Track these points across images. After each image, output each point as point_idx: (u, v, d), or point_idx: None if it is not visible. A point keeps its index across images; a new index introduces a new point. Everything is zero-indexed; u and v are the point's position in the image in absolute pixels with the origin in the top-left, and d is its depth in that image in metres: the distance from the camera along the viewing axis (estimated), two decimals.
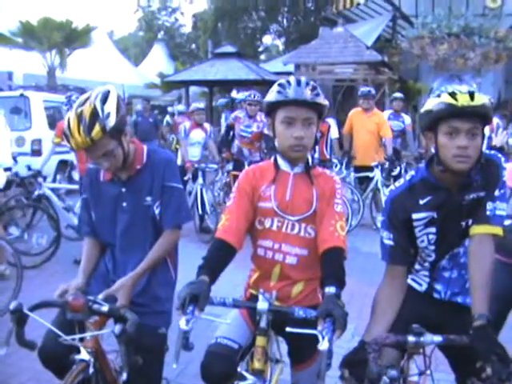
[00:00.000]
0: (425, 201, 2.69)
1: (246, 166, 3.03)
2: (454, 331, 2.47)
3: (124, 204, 3.15)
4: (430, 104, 2.56)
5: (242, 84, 21.46)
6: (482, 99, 2.47)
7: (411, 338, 2.42)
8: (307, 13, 35.92)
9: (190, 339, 2.49)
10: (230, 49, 23.90)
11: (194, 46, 44.52)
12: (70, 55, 22.41)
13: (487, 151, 2.73)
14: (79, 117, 2.83)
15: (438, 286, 2.83)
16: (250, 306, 2.70)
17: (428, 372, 2.69)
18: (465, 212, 2.66)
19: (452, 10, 22.71)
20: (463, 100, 2.45)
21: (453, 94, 2.48)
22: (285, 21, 37.79)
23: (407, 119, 10.81)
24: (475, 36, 21.84)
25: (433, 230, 2.71)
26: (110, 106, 2.88)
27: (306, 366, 2.91)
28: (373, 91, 9.91)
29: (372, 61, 18.58)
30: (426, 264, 2.83)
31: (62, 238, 7.61)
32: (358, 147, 9.03)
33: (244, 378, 2.61)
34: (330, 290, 2.49)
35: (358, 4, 24.98)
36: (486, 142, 8.86)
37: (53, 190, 8.21)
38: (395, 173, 9.59)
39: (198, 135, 9.57)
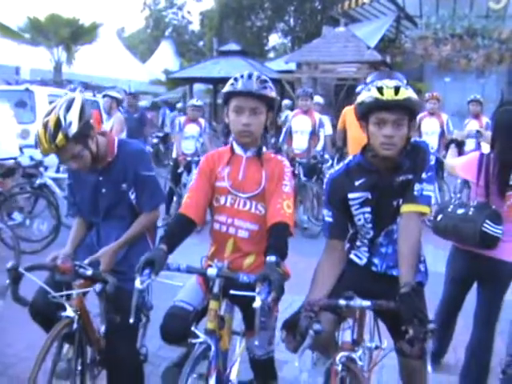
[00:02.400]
0: (359, 182, 3.01)
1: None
2: (390, 300, 2.71)
3: (103, 190, 3.53)
4: (362, 97, 2.88)
5: None
6: (406, 94, 2.79)
7: (342, 302, 2.74)
8: (314, 12, 36.06)
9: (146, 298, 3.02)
10: (234, 47, 24.14)
11: (201, 43, 44.78)
12: (76, 51, 22.65)
13: (418, 139, 3.10)
14: (45, 126, 3.18)
15: (376, 260, 3.13)
16: (201, 271, 3.04)
17: (384, 346, 2.97)
18: (396, 193, 2.96)
19: (456, 11, 22.79)
20: (388, 94, 2.78)
21: (380, 89, 2.80)
22: (291, 20, 37.94)
23: None
24: (478, 37, 21.95)
25: (368, 209, 3.03)
26: (73, 115, 3.22)
27: (260, 334, 3.15)
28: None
29: (372, 60, 18.78)
30: (365, 241, 3.14)
31: (62, 226, 7.84)
32: (351, 143, 9.15)
33: (197, 337, 2.91)
34: (271, 258, 2.80)
35: (363, 4, 25.10)
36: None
37: (54, 179, 8.47)
38: None
39: (192, 129, 9.83)
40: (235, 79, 3.14)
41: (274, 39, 42.06)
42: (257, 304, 2.57)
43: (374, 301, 2.76)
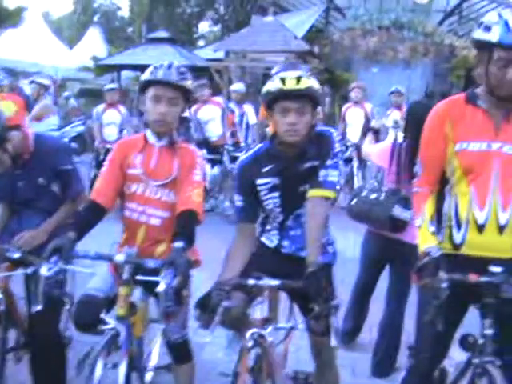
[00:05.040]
0: (267, 168, 3.11)
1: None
2: (299, 279, 2.84)
3: (19, 184, 3.57)
4: (267, 87, 3.02)
5: None
6: (307, 83, 2.95)
7: (251, 281, 2.88)
8: (244, 1, 36.02)
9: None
10: (163, 34, 23.88)
11: (130, 30, 44.15)
12: (0, 35, 22.05)
13: (323, 127, 3.27)
14: None
15: (286, 243, 3.24)
16: (109, 256, 3.07)
17: (300, 327, 3.09)
18: (302, 179, 3.08)
19: (383, 4, 23.21)
20: (290, 84, 2.93)
21: (283, 79, 2.94)
22: (221, 8, 37.80)
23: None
24: (405, 30, 22.40)
25: (276, 194, 3.14)
26: None
27: (173, 319, 3.25)
28: None
29: (299, 50, 18.95)
30: (275, 224, 3.25)
31: None
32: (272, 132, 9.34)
33: (107, 324, 2.98)
34: (178, 244, 2.90)
35: None
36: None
37: None
38: None
39: (112, 116, 9.82)
40: (155, 68, 3.20)
41: (204, 27, 41.92)
42: (160, 288, 2.68)
43: (283, 280, 2.89)
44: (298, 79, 2.94)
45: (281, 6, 25.30)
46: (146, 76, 3.22)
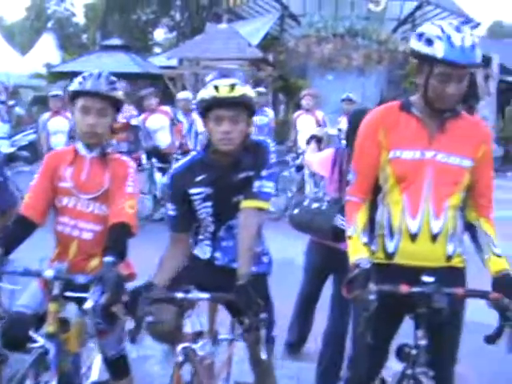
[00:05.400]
0: (200, 178, 3.05)
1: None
2: (232, 291, 2.78)
3: None
4: (201, 95, 2.98)
5: (129, 77, 21.40)
6: (241, 91, 2.91)
7: (180, 295, 2.80)
8: (200, 8, 36.02)
9: None
10: (117, 41, 23.77)
11: (85, 36, 43.81)
12: None
13: (261, 137, 3.25)
14: None
15: (218, 254, 3.19)
16: (38, 272, 2.96)
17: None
18: (236, 189, 3.04)
19: (338, 12, 23.40)
20: (224, 91, 2.88)
21: (216, 87, 2.89)
22: (177, 15, 37.74)
23: (271, 113, 11.24)
24: (359, 37, 22.62)
25: (209, 204, 3.08)
26: None
27: (108, 335, 3.20)
28: None
29: (253, 58, 18.99)
30: (207, 234, 3.19)
31: None
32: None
33: (36, 341, 2.87)
34: (108, 258, 2.81)
35: (248, 1, 25.32)
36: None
37: None
38: None
39: (59, 124, 9.63)
40: (83, 78, 3.10)
41: (160, 34, 41.80)
42: (88, 305, 2.60)
43: (212, 293, 2.84)
44: (232, 87, 2.90)
45: (236, 13, 25.34)
46: (74, 86, 3.11)
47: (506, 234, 8.38)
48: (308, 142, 4.67)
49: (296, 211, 4.15)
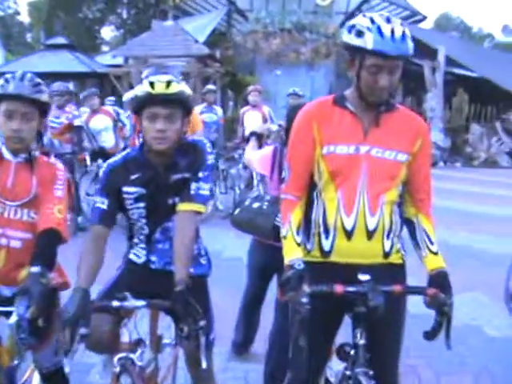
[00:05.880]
0: (135, 176, 2.95)
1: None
2: (171, 295, 2.69)
3: None
4: (135, 91, 2.90)
5: (75, 77, 21.12)
6: (177, 87, 2.82)
7: (115, 303, 2.68)
8: (146, 5, 35.71)
9: None
10: (62, 40, 23.41)
11: (30, 36, 43.03)
12: None
13: (196, 137, 3.12)
14: None
15: (154, 258, 3.10)
16: None
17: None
18: (172, 191, 2.94)
19: (285, 7, 23.47)
20: (159, 88, 2.78)
21: (151, 83, 2.79)
22: (124, 12, 37.35)
23: (220, 111, 11.17)
24: (307, 32, 22.73)
25: (142, 205, 2.97)
26: None
27: (44, 347, 3.07)
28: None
29: (200, 54, 18.90)
30: (142, 237, 3.09)
31: None
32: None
33: None
34: (34, 269, 2.68)
35: None
36: None
37: None
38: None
39: None
40: (6, 80, 2.92)
41: (107, 32, 41.32)
42: (12, 320, 2.48)
43: (149, 300, 2.73)
44: (168, 83, 2.80)
45: (182, 9, 25.22)
46: None
47: (453, 222, 8.60)
48: (248, 140, 4.58)
49: (237, 211, 4.07)
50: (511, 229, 8.63)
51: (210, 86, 11.81)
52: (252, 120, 10.45)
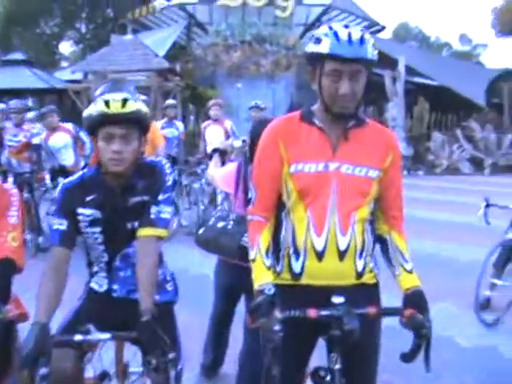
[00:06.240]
0: (90, 198, 2.80)
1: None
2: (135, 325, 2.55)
3: None
4: (89, 110, 2.71)
5: (34, 93, 20.83)
6: (134, 106, 2.68)
7: (78, 337, 2.52)
8: (106, 19, 35.46)
9: None
10: (19, 56, 23.06)
11: None
12: None
13: (154, 158, 2.99)
14: None
15: (115, 286, 2.95)
16: None
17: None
18: (130, 214, 2.80)
19: (245, 19, 23.50)
20: (115, 107, 2.64)
21: (106, 102, 2.64)
22: (83, 27, 37.01)
23: (181, 126, 11.03)
24: (267, 44, 22.78)
25: (98, 229, 2.82)
26: None
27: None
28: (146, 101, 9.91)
29: (160, 68, 18.78)
30: (102, 265, 2.93)
31: None
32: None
33: None
34: None
35: (154, 11, 25.13)
36: None
37: None
38: None
39: None
40: None
41: (66, 47, 40.90)
42: None
43: (114, 332, 2.58)
44: (124, 102, 2.65)
45: (142, 23, 25.11)
46: None
47: (418, 231, 8.58)
48: (211, 156, 4.46)
49: (202, 231, 3.95)
50: (476, 236, 8.63)
51: (170, 101, 11.68)
52: (214, 135, 10.35)
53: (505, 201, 5.90)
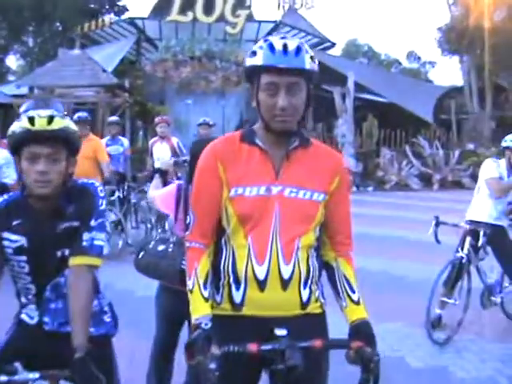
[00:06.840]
0: (16, 222, 2.58)
1: None
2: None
3: None
4: (12, 128, 2.50)
5: None
6: (61, 123, 2.47)
7: (2, 378, 2.29)
8: (54, 33, 34.93)
9: None
10: None
11: None
12: None
13: (86, 180, 2.75)
14: None
15: (47, 318, 2.71)
16: None
17: None
18: (60, 242, 2.58)
19: (195, 35, 23.47)
20: (40, 124, 2.43)
21: (31, 118, 2.44)
22: (30, 41, 36.40)
23: (126, 142, 10.83)
24: (217, 60, 22.78)
25: (23, 258, 2.60)
26: None
27: None
28: (88, 117, 9.72)
29: (108, 84, 18.52)
30: (31, 297, 2.71)
31: None
32: (78, 174, 8.87)
33: None
34: None
35: (104, 26, 24.86)
36: None
37: None
38: (115, 196, 9.75)
39: None
40: None
41: (13, 61, 40.18)
42: None
43: (45, 372, 2.35)
44: (50, 119, 2.44)
45: (91, 38, 24.83)
46: None
47: (368, 249, 8.52)
48: (152, 177, 4.27)
49: (141, 255, 3.76)
50: (426, 254, 8.60)
51: (113, 118, 11.50)
52: (161, 152, 10.23)
53: (453, 216, 5.88)
